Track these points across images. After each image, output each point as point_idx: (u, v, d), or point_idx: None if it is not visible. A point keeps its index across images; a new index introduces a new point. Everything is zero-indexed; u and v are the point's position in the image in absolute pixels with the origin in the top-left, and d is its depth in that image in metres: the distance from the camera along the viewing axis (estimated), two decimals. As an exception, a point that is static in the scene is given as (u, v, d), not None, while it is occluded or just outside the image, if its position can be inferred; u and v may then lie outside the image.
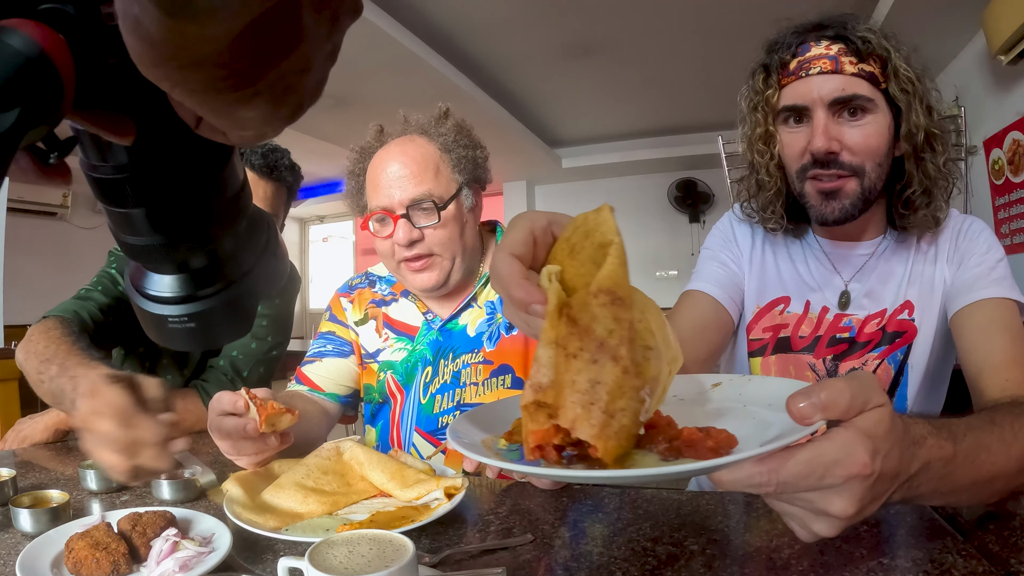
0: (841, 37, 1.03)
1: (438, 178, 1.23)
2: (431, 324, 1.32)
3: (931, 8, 3.41)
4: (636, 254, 8.28)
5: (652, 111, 6.36)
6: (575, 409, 0.43)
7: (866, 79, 1.02)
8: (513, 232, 0.54)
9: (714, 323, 1.21)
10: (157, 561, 0.68)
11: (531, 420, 0.46)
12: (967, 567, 0.63)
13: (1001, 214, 3.68)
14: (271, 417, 0.93)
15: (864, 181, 1.05)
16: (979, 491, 0.66)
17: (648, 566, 0.68)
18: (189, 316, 0.38)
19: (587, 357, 0.44)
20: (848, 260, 1.17)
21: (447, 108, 1.32)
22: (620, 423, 0.43)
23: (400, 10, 4.06)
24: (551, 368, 0.45)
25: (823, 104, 1.03)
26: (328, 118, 5.76)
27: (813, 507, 0.51)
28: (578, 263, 0.49)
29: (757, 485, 0.48)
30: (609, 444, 0.43)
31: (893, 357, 1.13)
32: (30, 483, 1.08)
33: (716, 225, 1.33)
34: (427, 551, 0.74)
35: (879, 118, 1.03)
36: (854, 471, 0.48)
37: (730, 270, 1.25)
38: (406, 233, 1.21)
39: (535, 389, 0.46)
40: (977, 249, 1.10)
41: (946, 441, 0.58)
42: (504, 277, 0.51)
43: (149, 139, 0.31)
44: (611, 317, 0.44)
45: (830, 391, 0.48)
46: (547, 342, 0.46)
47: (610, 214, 0.50)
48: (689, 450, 0.46)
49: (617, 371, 0.43)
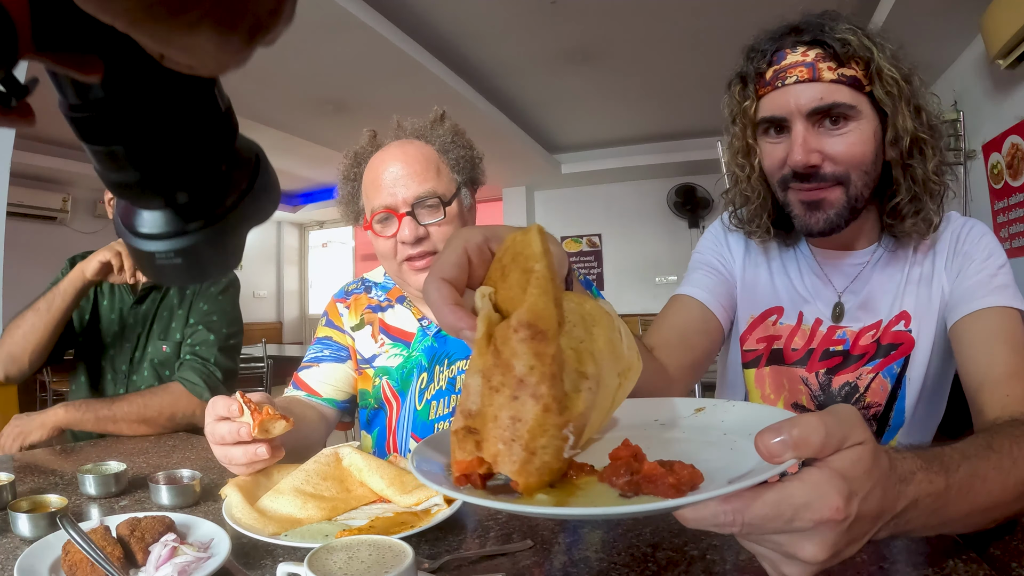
0: (818, 41, 0.98)
1: (440, 176, 1.24)
2: (426, 330, 1.32)
3: (929, 12, 3.42)
4: (635, 259, 8.31)
5: (651, 116, 6.37)
6: (496, 444, 0.43)
7: (847, 84, 0.97)
8: (445, 253, 0.53)
9: (700, 329, 1.18)
10: (156, 566, 0.68)
11: (459, 448, 0.46)
12: (968, 571, 0.63)
13: (1000, 218, 3.69)
14: (265, 422, 0.92)
15: (850, 189, 1.00)
16: (975, 520, 0.63)
17: (648, 572, 0.68)
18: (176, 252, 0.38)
19: (508, 393, 0.43)
20: (841, 270, 1.14)
21: (443, 111, 1.33)
22: (541, 460, 0.43)
23: (400, 16, 4.07)
24: (479, 396, 0.45)
25: (801, 115, 0.98)
26: (328, 123, 5.78)
27: (782, 550, 0.47)
28: (507, 286, 0.48)
29: (721, 524, 0.45)
30: (531, 480, 0.43)
31: (889, 370, 1.10)
32: (29, 487, 1.08)
33: (709, 228, 1.30)
34: (426, 557, 0.73)
35: (863, 124, 0.98)
36: (825, 515, 0.44)
37: (721, 275, 1.22)
38: (412, 230, 1.20)
39: (464, 415, 0.46)
40: (978, 255, 1.06)
41: (937, 475, 0.55)
42: (433, 302, 0.50)
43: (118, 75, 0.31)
44: (531, 353, 0.43)
45: (802, 428, 0.44)
46: (475, 370, 0.46)
47: (536, 236, 0.48)
48: (649, 486, 0.43)
49: (537, 409, 0.42)
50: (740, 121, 1.07)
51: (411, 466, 0.48)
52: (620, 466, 0.45)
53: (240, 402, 0.93)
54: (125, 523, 0.74)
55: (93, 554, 0.66)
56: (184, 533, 0.77)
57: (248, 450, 0.94)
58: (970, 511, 0.60)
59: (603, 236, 8.57)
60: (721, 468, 0.48)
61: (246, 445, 0.93)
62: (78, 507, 0.97)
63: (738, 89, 1.07)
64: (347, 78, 4.69)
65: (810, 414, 0.46)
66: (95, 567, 0.66)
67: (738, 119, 1.08)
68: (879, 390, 1.10)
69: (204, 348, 1.71)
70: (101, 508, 0.97)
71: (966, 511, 0.59)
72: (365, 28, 3.85)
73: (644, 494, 0.43)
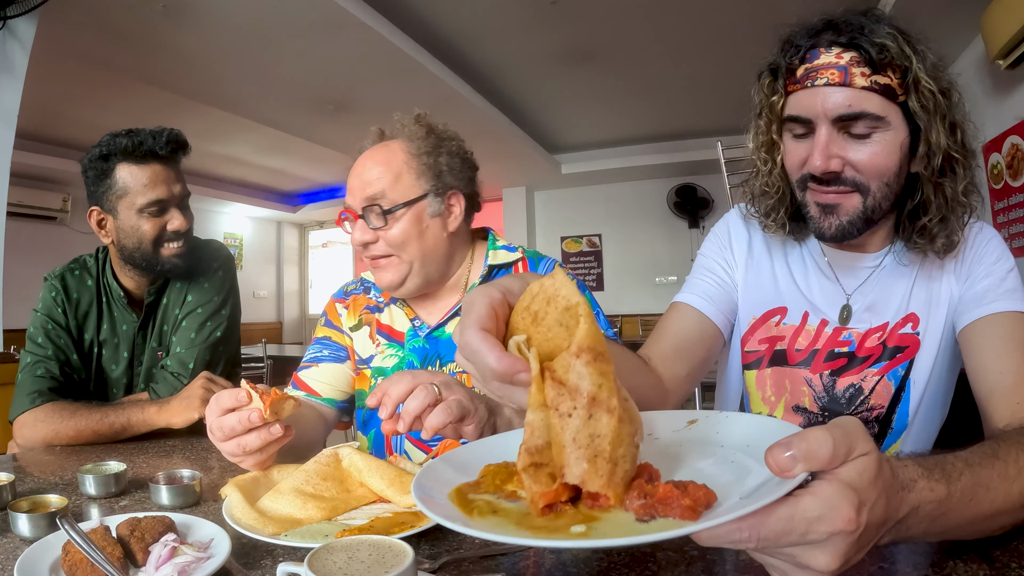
0: (855, 44, 0.93)
1: (398, 182, 1.25)
2: (417, 331, 1.33)
3: (930, 12, 3.42)
4: (635, 260, 8.31)
5: (652, 117, 6.37)
6: (581, 464, 0.46)
7: (879, 92, 0.92)
8: (475, 308, 0.55)
9: (698, 339, 1.17)
10: (156, 566, 0.68)
11: (534, 482, 0.48)
12: (968, 571, 0.63)
13: (1000, 219, 3.69)
14: (275, 403, 0.93)
15: (868, 199, 0.97)
16: (979, 528, 0.63)
17: (648, 571, 0.68)
18: None
19: (582, 414, 0.47)
20: (852, 272, 1.12)
21: (421, 112, 1.33)
22: (623, 469, 0.47)
23: (400, 16, 4.07)
24: (545, 430, 0.49)
25: (827, 119, 0.95)
26: (328, 124, 5.78)
27: (795, 561, 0.48)
28: (544, 328, 0.52)
29: (737, 542, 0.46)
30: (619, 491, 0.46)
31: (894, 373, 1.09)
32: (29, 487, 1.08)
33: (713, 229, 1.29)
34: (426, 557, 0.73)
35: (890, 136, 0.94)
36: (838, 527, 0.45)
37: (722, 281, 1.21)
38: (360, 234, 1.26)
39: (531, 452, 0.49)
40: (987, 259, 1.04)
41: (938, 483, 0.55)
42: (482, 352, 0.52)
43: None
44: (597, 372, 0.47)
45: (811, 441, 0.45)
46: (537, 406, 0.49)
47: (565, 276, 0.53)
48: (664, 508, 0.45)
49: (614, 422, 0.46)
50: (767, 115, 1.05)
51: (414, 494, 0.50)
52: (634, 489, 0.47)
53: (248, 389, 0.93)
54: (125, 523, 0.74)
55: (93, 554, 0.66)
56: (184, 533, 0.77)
57: (262, 433, 0.93)
58: (973, 519, 0.60)
59: (603, 236, 8.57)
60: (728, 484, 0.49)
61: (258, 429, 0.93)
62: (78, 507, 0.97)
63: (768, 82, 1.04)
64: (347, 78, 4.69)
65: (816, 428, 0.47)
66: (95, 567, 0.66)
67: (764, 112, 1.06)
68: (883, 392, 1.09)
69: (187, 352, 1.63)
70: (101, 508, 0.97)
71: (969, 519, 0.60)
72: (365, 28, 3.85)
73: (661, 516, 0.45)
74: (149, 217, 1.54)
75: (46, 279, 1.65)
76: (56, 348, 1.57)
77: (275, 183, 8.80)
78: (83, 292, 1.64)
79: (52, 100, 4.95)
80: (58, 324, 1.59)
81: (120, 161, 1.53)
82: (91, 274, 1.67)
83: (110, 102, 4.99)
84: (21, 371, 1.54)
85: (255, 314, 9.42)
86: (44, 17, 3.05)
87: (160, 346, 1.68)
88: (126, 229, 1.55)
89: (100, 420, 1.45)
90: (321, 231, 10.43)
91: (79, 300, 1.63)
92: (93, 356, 1.65)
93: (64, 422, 1.44)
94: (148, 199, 1.53)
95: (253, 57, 4.27)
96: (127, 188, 1.53)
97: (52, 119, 5.45)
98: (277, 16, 3.69)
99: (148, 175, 1.53)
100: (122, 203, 1.54)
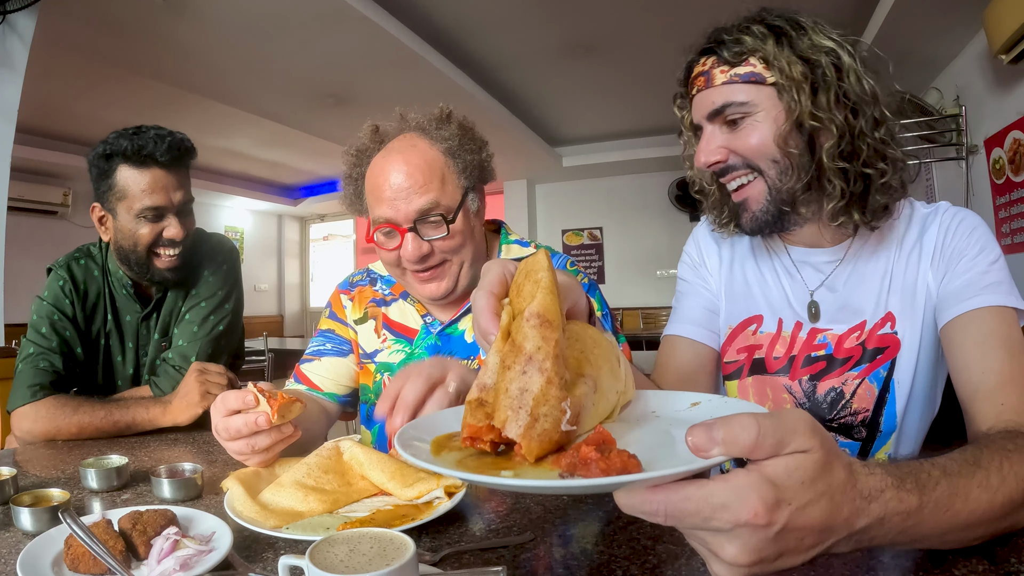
0: (711, 49, 1.03)
1: (444, 187, 1.18)
2: (430, 328, 1.31)
3: (932, 7, 3.41)
4: (636, 253, 8.31)
5: (653, 110, 6.35)
6: (506, 412, 0.52)
7: (743, 82, 0.99)
8: (488, 275, 0.66)
9: (698, 366, 1.20)
10: (158, 559, 0.68)
11: (470, 415, 0.55)
12: (967, 566, 0.63)
13: (1002, 213, 3.68)
14: (283, 407, 0.93)
15: (768, 181, 1.01)
16: (955, 538, 0.60)
17: (648, 564, 0.68)
18: None
19: (518, 368, 0.52)
20: (812, 267, 1.11)
21: (450, 110, 1.26)
22: (542, 427, 0.51)
23: (401, 8, 4.06)
24: (495, 373, 0.55)
25: (704, 119, 1.04)
26: (328, 117, 5.77)
27: (707, 547, 0.47)
28: (521, 297, 0.60)
29: (648, 513, 0.45)
30: (532, 444, 0.50)
31: (876, 375, 1.06)
32: (31, 482, 1.08)
33: (684, 249, 1.31)
34: (428, 549, 0.74)
35: (760, 116, 0.99)
36: (741, 518, 0.44)
37: (705, 299, 1.23)
38: (416, 249, 1.17)
39: (480, 388, 0.56)
40: (969, 250, 1.00)
41: (909, 493, 0.53)
42: (480, 309, 0.63)
43: None
44: (539, 336, 0.53)
45: (733, 426, 0.44)
46: (495, 351, 0.57)
47: (544, 256, 0.61)
48: (584, 469, 0.46)
49: (542, 380, 0.51)
50: (685, 130, 1.17)
51: (396, 443, 0.55)
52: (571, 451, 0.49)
53: (255, 392, 0.94)
54: (127, 517, 0.74)
55: (95, 548, 0.66)
56: (186, 526, 0.77)
57: (273, 433, 0.95)
58: (948, 529, 0.58)
59: (604, 229, 8.56)
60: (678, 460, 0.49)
61: (269, 430, 0.95)
62: (80, 501, 0.97)
63: (678, 102, 1.16)
64: (347, 71, 4.68)
65: (747, 414, 0.45)
66: (97, 561, 0.67)
67: (683, 128, 1.17)
68: (866, 395, 1.07)
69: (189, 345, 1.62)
70: (103, 502, 0.97)
71: (943, 529, 0.57)
72: (365, 20, 3.83)
73: (580, 476, 0.47)
74: (146, 222, 1.52)
75: (51, 268, 1.63)
76: (60, 340, 1.55)
77: (276, 176, 8.80)
78: (91, 282, 1.63)
79: (52, 94, 4.94)
80: (65, 315, 1.58)
81: (121, 163, 1.50)
82: (97, 263, 1.66)
83: (110, 96, 4.98)
84: (22, 360, 1.52)
85: (256, 307, 9.43)
86: (44, 11, 3.04)
87: (164, 338, 1.67)
88: (123, 231, 1.54)
89: (104, 418, 1.45)
90: (322, 224, 10.43)
91: (87, 290, 1.62)
92: (100, 348, 1.64)
93: (67, 418, 1.44)
94: (145, 204, 1.51)
95: (253, 50, 4.26)
96: (126, 191, 1.51)
97: (52, 113, 5.44)
98: (277, 9, 3.68)
99: (147, 180, 1.50)
100: (121, 205, 1.52)
